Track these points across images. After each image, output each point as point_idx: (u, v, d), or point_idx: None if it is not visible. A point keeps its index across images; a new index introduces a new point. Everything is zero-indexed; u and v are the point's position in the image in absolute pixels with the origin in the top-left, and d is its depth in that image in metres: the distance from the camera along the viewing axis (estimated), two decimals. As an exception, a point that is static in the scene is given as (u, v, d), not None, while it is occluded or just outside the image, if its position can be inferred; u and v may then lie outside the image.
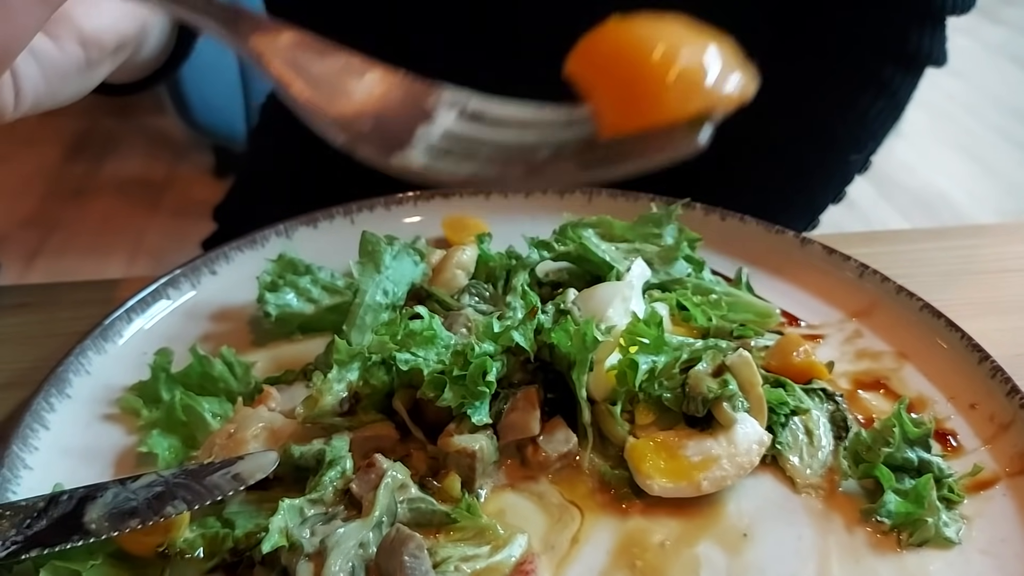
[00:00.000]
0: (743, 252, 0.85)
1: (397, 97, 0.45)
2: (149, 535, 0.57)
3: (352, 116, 0.44)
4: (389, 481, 0.58)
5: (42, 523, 0.56)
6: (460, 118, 0.46)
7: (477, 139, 0.45)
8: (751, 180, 1.06)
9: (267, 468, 0.59)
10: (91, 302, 0.80)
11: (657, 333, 0.64)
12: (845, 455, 0.65)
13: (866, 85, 1.02)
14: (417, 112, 0.45)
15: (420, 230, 0.86)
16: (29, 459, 0.63)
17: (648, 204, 0.87)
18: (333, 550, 0.54)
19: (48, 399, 0.67)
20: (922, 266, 0.90)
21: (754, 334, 0.73)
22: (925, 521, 0.60)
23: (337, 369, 0.64)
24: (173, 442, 0.65)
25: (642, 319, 0.64)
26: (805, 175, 1.08)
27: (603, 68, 0.45)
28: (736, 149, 1.08)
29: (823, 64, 1.03)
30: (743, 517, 0.61)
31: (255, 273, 0.77)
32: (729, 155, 1.09)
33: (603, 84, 0.44)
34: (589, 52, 0.46)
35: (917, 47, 1.00)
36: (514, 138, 0.46)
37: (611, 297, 0.69)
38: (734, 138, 1.08)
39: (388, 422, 0.64)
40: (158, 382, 0.68)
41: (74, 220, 2.79)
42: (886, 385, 0.73)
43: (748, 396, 0.64)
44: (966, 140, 3.40)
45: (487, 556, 0.56)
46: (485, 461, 0.62)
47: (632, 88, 0.43)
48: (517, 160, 0.45)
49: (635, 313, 0.66)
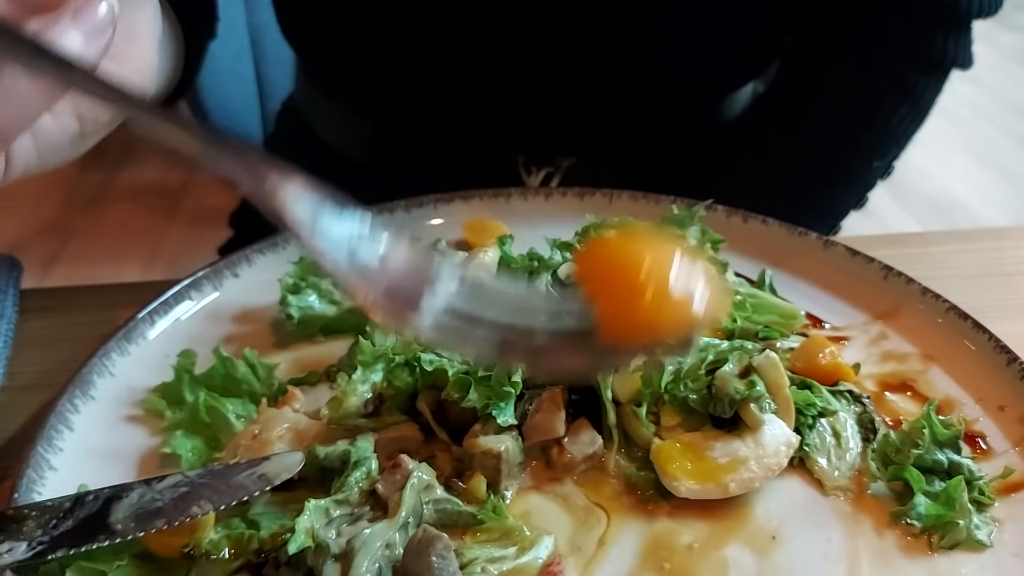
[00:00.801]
0: (765, 254, 0.85)
1: (404, 263, 0.46)
2: (174, 536, 0.56)
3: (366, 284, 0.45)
4: (415, 482, 0.58)
5: (68, 523, 0.56)
6: (460, 291, 0.46)
7: (477, 317, 0.46)
8: (773, 186, 1.06)
9: (293, 469, 0.58)
10: (114, 305, 0.80)
11: (682, 334, 0.64)
12: (873, 457, 0.64)
13: (890, 91, 1.01)
14: (422, 279, 0.46)
15: (440, 232, 0.86)
16: (54, 460, 0.63)
17: (670, 206, 0.87)
18: (360, 551, 0.54)
19: (72, 400, 0.67)
20: (946, 268, 0.89)
21: (779, 336, 0.73)
22: (956, 524, 0.59)
23: (361, 370, 0.64)
24: (196, 443, 0.65)
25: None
26: (828, 181, 1.07)
27: (602, 283, 0.47)
28: (759, 155, 1.08)
29: (847, 70, 1.03)
30: (771, 519, 0.60)
31: (277, 275, 0.77)
32: (751, 161, 1.09)
33: (602, 298, 0.46)
34: (590, 262, 0.50)
35: (942, 52, 0.99)
36: (513, 320, 0.46)
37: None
38: (757, 144, 1.08)
39: (412, 423, 0.64)
40: (181, 383, 0.68)
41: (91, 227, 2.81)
42: (913, 387, 0.72)
43: (775, 398, 0.63)
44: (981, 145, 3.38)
45: (514, 557, 0.56)
46: (510, 462, 0.61)
47: (627, 311, 0.45)
48: (516, 342, 0.46)
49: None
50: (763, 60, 1.10)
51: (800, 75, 1.07)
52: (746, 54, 1.07)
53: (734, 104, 1.13)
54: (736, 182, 1.06)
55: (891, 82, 1.01)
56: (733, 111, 1.13)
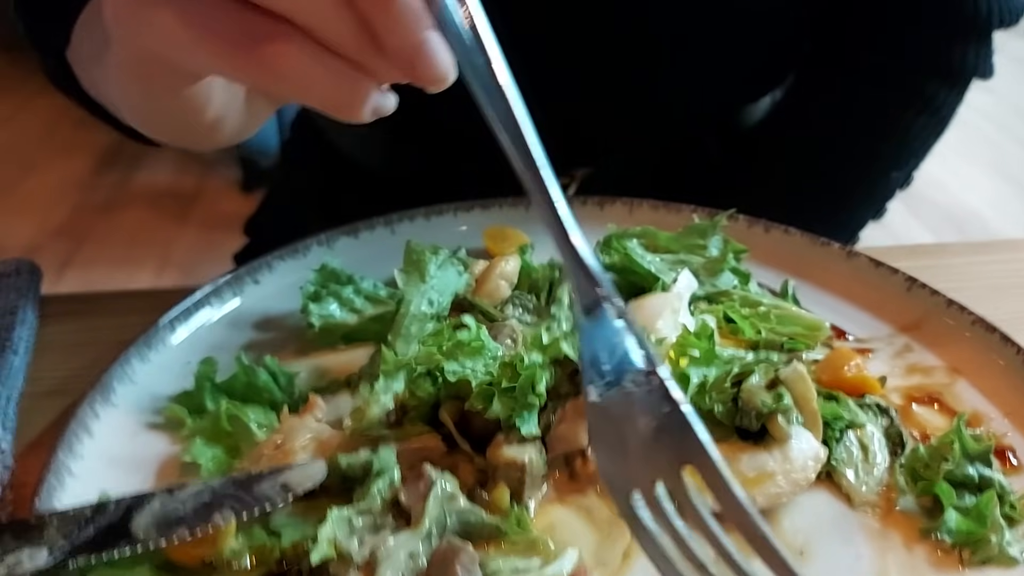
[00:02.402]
0: (788, 264, 0.84)
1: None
2: (196, 546, 0.56)
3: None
4: (439, 491, 0.57)
5: (89, 531, 0.56)
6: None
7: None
8: (791, 196, 1.05)
9: (316, 478, 0.58)
10: (135, 311, 0.80)
11: (708, 346, 0.63)
12: (902, 471, 0.63)
13: (909, 101, 1.01)
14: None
15: (460, 241, 0.86)
16: (75, 467, 0.63)
17: (691, 215, 0.86)
18: (384, 561, 0.53)
19: (93, 407, 0.67)
20: (970, 280, 0.88)
21: (804, 347, 0.72)
22: (988, 539, 0.58)
23: (383, 380, 0.64)
24: (217, 452, 0.65)
25: (693, 331, 0.63)
26: (846, 192, 1.06)
27: None
28: (777, 165, 1.07)
29: (866, 80, 1.02)
30: (798, 534, 0.60)
31: (297, 282, 0.77)
32: (769, 171, 1.08)
33: None
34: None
35: (962, 63, 0.98)
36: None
37: (661, 308, 0.68)
38: (776, 155, 1.08)
39: (434, 434, 0.64)
40: (203, 391, 0.68)
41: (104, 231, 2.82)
42: (939, 400, 0.71)
43: (803, 410, 0.63)
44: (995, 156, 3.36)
45: (538, 569, 0.55)
46: (534, 473, 0.61)
47: None
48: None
49: (685, 325, 0.65)
50: (782, 71, 1.10)
51: (819, 85, 1.06)
52: (765, 67, 1.06)
53: (752, 114, 1.12)
54: (754, 192, 1.05)
55: (911, 92, 1.00)
56: (751, 120, 1.12)
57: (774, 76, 1.09)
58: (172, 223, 2.85)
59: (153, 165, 3.12)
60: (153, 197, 2.99)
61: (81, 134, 3.21)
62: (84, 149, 3.18)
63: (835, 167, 1.05)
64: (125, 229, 2.84)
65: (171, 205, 2.93)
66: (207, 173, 3.07)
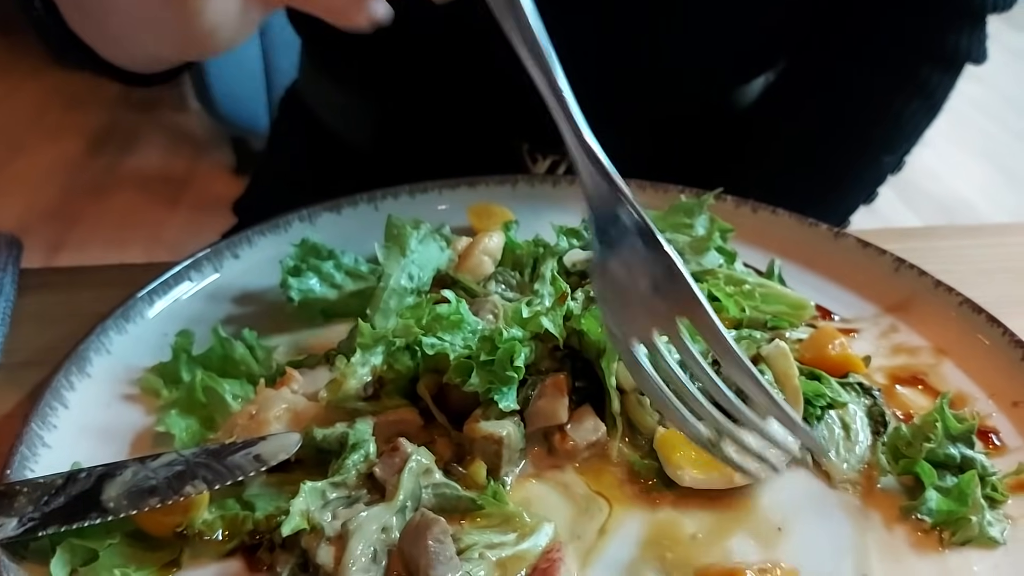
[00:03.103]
0: (775, 244, 0.83)
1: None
2: (168, 515, 0.55)
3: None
4: (414, 465, 0.56)
5: (60, 500, 0.55)
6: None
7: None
8: (783, 179, 1.04)
9: (289, 449, 0.57)
10: (114, 284, 0.79)
11: (690, 322, 0.62)
12: (883, 451, 0.63)
13: (903, 86, 1.00)
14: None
15: (445, 218, 0.85)
16: (48, 437, 0.62)
17: (678, 195, 0.85)
18: (355, 534, 0.53)
19: (68, 377, 0.66)
20: (959, 263, 0.88)
21: (788, 326, 0.71)
22: (968, 520, 0.58)
23: (361, 353, 0.63)
24: (191, 423, 0.64)
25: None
26: (838, 175, 1.06)
27: None
28: (769, 148, 1.07)
29: (860, 64, 1.01)
30: (777, 511, 0.59)
31: (278, 257, 0.76)
32: (762, 154, 1.07)
33: None
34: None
35: (956, 47, 0.97)
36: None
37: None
38: (768, 137, 1.07)
39: (412, 407, 0.63)
40: (179, 363, 0.67)
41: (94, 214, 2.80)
42: (924, 381, 0.71)
43: (784, 388, 0.62)
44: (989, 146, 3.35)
45: (513, 544, 0.55)
46: (511, 448, 0.60)
47: None
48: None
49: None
50: (775, 53, 1.09)
51: (812, 69, 1.06)
52: (759, 48, 1.06)
53: (745, 95, 1.11)
54: (746, 175, 1.05)
55: (904, 77, 1.00)
56: (744, 101, 1.11)
57: (768, 57, 1.08)
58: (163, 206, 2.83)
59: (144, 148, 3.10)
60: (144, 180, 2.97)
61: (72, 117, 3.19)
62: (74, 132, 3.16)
63: (827, 151, 1.04)
64: (116, 212, 2.82)
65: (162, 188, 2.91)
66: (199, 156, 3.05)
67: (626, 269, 0.53)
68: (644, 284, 0.52)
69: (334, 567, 0.52)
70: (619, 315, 0.54)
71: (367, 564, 0.52)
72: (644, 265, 0.52)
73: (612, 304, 0.54)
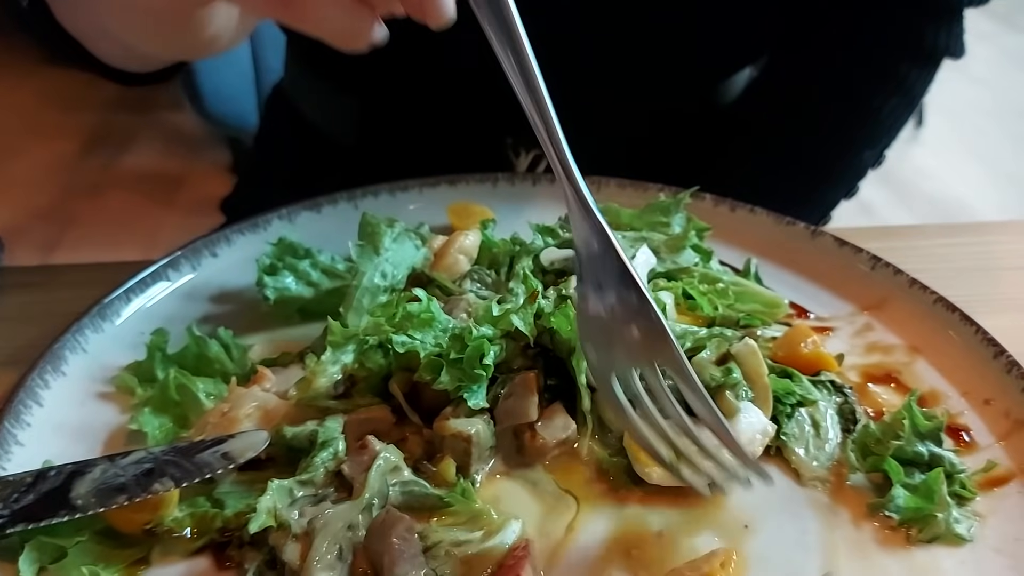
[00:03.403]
0: (753, 243, 0.84)
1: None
2: (137, 512, 0.56)
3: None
4: (381, 463, 0.57)
5: (29, 498, 0.55)
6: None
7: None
8: (765, 176, 1.04)
9: (258, 447, 0.58)
10: (92, 283, 0.79)
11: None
12: (853, 448, 0.63)
13: (881, 82, 1.01)
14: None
15: (424, 217, 0.85)
16: (21, 435, 0.62)
17: (656, 194, 0.85)
18: (320, 531, 0.53)
19: (43, 376, 0.66)
20: (936, 262, 0.88)
21: (761, 324, 0.71)
22: (935, 517, 0.58)
23: (331, 351, 0.63)
24: (164, 421, 0.64)
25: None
26: (819, 171, 1.06)
27: None
28: (750, 145, 1.07)
29: (838, 60, 1.02)
30: (745, 508, 0.59)
31: (256, 256, 0.76)
32: (743, 151, 1.08)
33: None
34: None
35: (934, 43, 0.98)
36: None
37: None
38: (750, 135, 1.07)
39: (384, 405, 0.63)
40: (153, 361, 0.67)
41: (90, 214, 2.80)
42: (897, 379, 0.71)
43: (753, 386, 0.62)
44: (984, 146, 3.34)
45: (479, 541, 0.55)
46: (481, 446, 0.60)
47: None
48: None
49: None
50: (757, 48, 1.09)
51: (792, 65, 1.06)
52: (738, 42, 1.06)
53: (726, 91, 1.12)
54: (730, 172, 1.05)
55: (884, 74, 1.00)
56: (725, 98, 1.12)
57: (749, 51, 1.09)
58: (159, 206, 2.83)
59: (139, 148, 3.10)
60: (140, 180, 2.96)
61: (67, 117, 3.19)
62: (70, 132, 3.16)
63: (808, 147, 1.05)
64: (111, 212, 2.82)
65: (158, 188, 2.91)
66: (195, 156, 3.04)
67: (610, 311, 0.56)
68: (626, 327, 0.56)
69: (300, 564, 0.52)
70: (600, 351, 0.57)
71: (332, 561, 0.52)
72: (627, 312, 0.56)
73: (595, 340, 0.58)
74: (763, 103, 1.08)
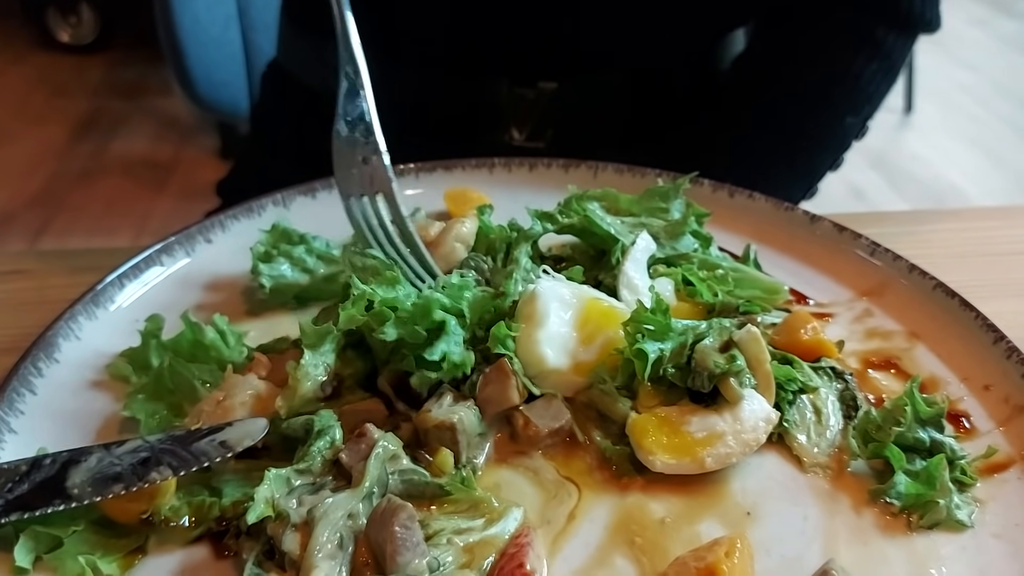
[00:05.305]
0: (751, 229, 0.83)
1: None
2: (133, 502, 0.55)
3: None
4: (380, 451, 0.56)
5: (24, 487, 0.55)
6: None
7: None
8: (750, 144, 1.06)
9: (255, 435, 0.57)
10: (86, 270, 0.78)
11: (664, 320, 0.62)
12: (854, 434, 0.63)
13: (860, 46, 1.03)
14: None
15: (421, 202, 0.85)
16: (14, 423, 0.62)
17: (655, 179, 0.85)
18: (321, 520, 0.52)
19: (36, 363, 0.65)
20: (935, 247, 0.88)
21: (761, 310, 0.71)
22: (936, 503, 0.58)
23: (309, 353, 0.61)
24: (158, 408, 0.63)
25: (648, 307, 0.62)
26: (802, 138, 1.08)
27: None
28: (735, 113, 1.07)
29: (818, 26, 1.04)
30: (747, 495, 0.59)
31: (252, 242, 0.76)
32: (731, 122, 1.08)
33: None
34: None
35: (909, 7, 1.02)
36: None
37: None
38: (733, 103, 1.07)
39: (376, 399, 0.63)
40: (148, 348, 0.67)
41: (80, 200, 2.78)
42: (897, 365, 0.71)
43: (756, 373, 0.62)
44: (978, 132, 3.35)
45: (481, 529, 0.55)
46: (468, 433, 0.59)
47: None
48: None
49: (640, 301, 0.64)
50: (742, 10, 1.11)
51: (774, 33, 1.08)
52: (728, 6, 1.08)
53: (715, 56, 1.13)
54: (714, 142, 1.06)
55: (861, 38, 1.03)
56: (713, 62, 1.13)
57: (736, 13, 1.10)
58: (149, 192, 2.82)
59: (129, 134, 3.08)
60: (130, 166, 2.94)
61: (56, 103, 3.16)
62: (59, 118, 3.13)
63: (793, 113, 1.06)
64: (101, 198, 2.80)
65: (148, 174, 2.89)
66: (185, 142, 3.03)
67: (351, 144, 0.74)
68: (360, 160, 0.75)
69: (300, 554, 0.52)
70: (342, 175, 0.75)
71: (333, 550, 0.52)
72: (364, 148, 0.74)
73: (339, 166, 0.75)
74: (746, 70, 1.09)
